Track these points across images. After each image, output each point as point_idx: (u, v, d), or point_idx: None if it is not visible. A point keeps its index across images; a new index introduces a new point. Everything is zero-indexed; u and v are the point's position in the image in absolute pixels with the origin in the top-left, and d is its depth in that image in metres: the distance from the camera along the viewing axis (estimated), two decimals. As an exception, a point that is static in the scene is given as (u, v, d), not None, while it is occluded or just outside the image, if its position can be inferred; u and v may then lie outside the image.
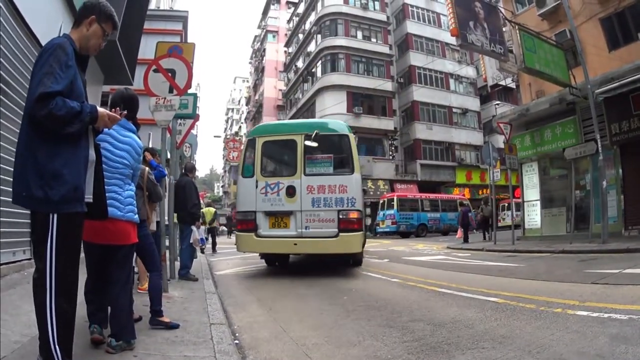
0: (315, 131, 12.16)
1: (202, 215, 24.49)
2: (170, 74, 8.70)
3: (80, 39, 3.39)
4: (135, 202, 4.55)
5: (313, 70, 49.59)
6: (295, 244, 11.52)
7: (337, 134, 12.68)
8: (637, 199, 16.37)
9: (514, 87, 39.61)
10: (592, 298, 6.74)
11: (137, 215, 4.56)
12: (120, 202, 4.28)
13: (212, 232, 24.94)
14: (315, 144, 12.17)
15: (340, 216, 11.41)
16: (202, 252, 18.74)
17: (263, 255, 13.87)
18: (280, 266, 13.88)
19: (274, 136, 12.74)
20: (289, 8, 71.76)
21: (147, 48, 14.39)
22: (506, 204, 36.74)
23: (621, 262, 10.54)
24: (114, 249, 4.37)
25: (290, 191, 11.74)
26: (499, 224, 23.68)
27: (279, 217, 11.77)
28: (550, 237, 19.50)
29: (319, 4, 49.28)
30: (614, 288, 7.58)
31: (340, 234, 11.27)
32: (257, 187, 11.95)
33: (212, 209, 25.72)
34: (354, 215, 11.49)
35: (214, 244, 24.41)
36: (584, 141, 17.87)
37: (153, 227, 7.05)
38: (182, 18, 21.43)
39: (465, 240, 24.30)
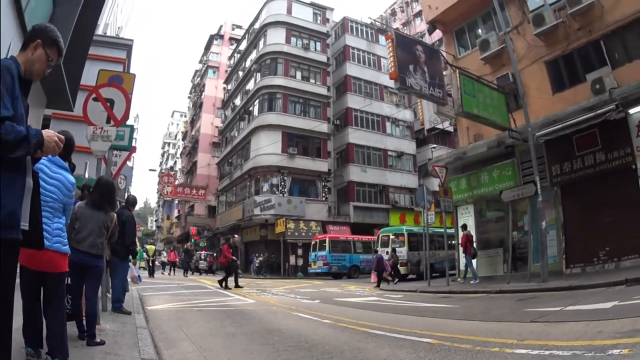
0: (395, 232, 31.40)
1: (146, 250, 27.33)
2: (109, 104, 8.82)
3: (25, 62, 3.29)
4: (64, 234, 4.78)
5: (250, 108, 49.38)
6: None
7: (401, 232, 30.83)
8: (578, 237, 16.65)
9: (452, 130, 40.37)
10: (532, 336, 6.63)
11: (65, 247, 4.77)
12: (49, 233, 4.43)
13: (153, 263, 33.17)
14: (394, 236, 30.68)
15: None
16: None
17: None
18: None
19: (386, 233, 32.13)
20: (232, 44, 71.64)
21: (89, 74, 14.00)
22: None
23: (562, 299, 10.53)
24: (44, 276, 4.57)
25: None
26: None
27: None
28: (487, 277, 19.62)
29: (261, 42, 49.41)
30: (555, 325, 7.48)
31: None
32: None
33: (153, 247, 36.04)
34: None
35: (152, 269, 32.32)
36: (522, 183, 18.13)
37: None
38: (127, 47, 21.07)
39: (378, 285, 24.21)
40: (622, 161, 15.15)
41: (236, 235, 26.82)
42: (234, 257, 22.31)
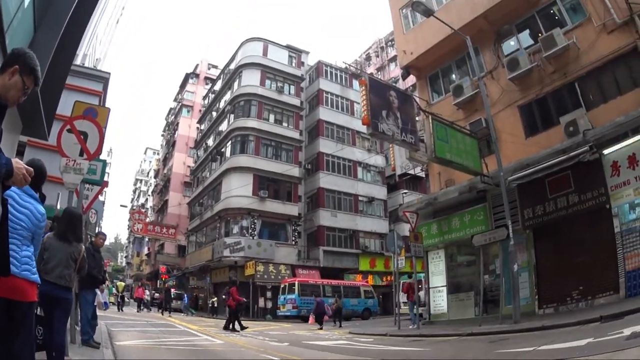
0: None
1: (116, 286, 28.90)
2: (82, 137, 8.79)
3: (1, 87, 3.17)
4: (32, 262, 4.60)
5: (222, 149, 49.39)
6: None
7: (419, 279, 23.60)
8: (551, 278, 16.63)
9: (423, 176, 40.62)
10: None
11: (34, 276, 4.58)
12: (17, 261, 4.27)
13: (122, 298, 35.55)
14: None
15: None
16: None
17: None
18: None
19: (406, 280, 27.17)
20: (207, 84, 71.69)
21: (65, 104, 13.88)
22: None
23: (536, 339, 10.47)
24: (13, 305, 4.35)
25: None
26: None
27: None
28: (458, 321, 19.49)
29: (236, 84, 49.67)
30: (528, 365, 7.44)
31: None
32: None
33: (123, 284, 38.85)
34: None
35: (121, 304, 34.41)
36: (494, 227, 18.24)
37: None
38: (104, 79, 20.89)
39: (320, 326, 25.37)
40: (596, 201, 15.31)
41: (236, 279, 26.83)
42: (244, 299, 22.38)
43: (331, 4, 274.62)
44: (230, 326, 21.10)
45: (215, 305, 41.87)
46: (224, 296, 35.31)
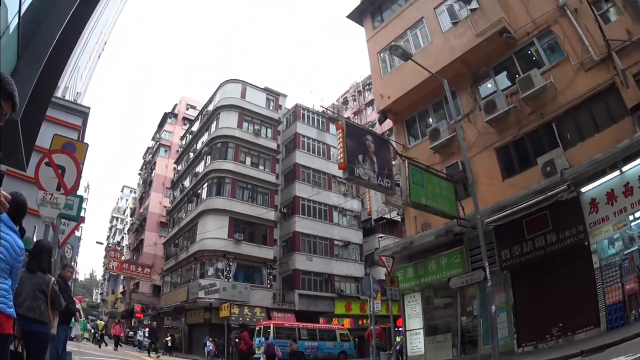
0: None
1: (96, 325, 29.73)
2: (60, 171, 8.85)
3: None
4: (9, 296, 4.50)
5: (199, 191, 49.18)
6: None
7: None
8: (530, 317, 16.56)
9: (400, 220, 40.58)
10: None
11: (10, 310, 4.48)
12: None
13: (102, 336, 37.86)
14: None
15: None
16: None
17: None
18: None
19: None
20: (185, 124, 71.76)
21: (44, 136, 13.76)
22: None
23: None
24: None
25: None
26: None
27: None
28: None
29: (214, 125, 49.80)
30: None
31: None
32: None
33: (103, 322, 40.96)
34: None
35: (101, 342, 36.58)
36: (471, 270, 18.20)
37: (54, 331, 7.29)
38: (84, 114, 20.75)
39: None
40: (575, 239, 15.40)
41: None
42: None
43: (309, 48, 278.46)
44: None
45: (170, 344, 42.56)
46: (236, 340, 35.00)
